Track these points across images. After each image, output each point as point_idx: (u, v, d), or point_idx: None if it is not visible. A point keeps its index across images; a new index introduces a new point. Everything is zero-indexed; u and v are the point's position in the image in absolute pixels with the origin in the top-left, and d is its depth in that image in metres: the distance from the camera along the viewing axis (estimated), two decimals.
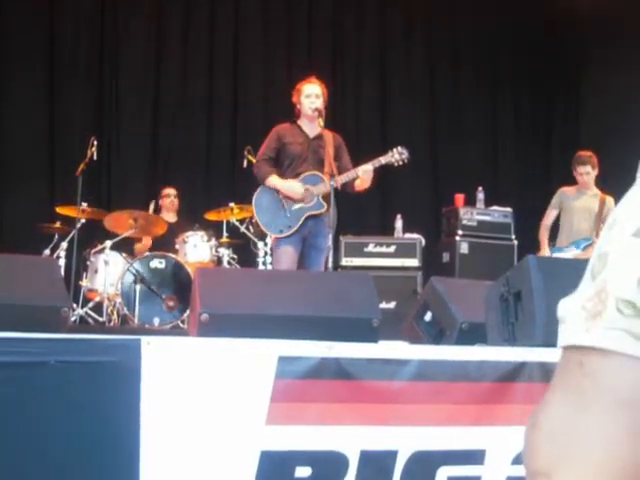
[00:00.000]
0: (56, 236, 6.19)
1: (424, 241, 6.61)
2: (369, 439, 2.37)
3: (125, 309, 5.79)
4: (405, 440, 2.39)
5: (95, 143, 6.11)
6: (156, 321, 5.78)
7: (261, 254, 6.13)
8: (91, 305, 5.92)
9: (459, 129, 8.78)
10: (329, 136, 5.09)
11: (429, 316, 3.23)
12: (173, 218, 6.85)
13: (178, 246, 6.24)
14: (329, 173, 4.91)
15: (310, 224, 5.01)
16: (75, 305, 5.71)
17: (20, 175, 7.39)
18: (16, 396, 2.11)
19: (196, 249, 6.18)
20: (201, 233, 6.24)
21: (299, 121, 5.19)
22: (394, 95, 8.73)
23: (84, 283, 5.99)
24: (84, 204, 6.04)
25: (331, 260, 4.78)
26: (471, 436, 2.46)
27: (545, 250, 6.30)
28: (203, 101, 8.20)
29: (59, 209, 6.26)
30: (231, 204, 6.37)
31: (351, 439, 2.35)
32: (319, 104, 5.06)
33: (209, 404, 2.25)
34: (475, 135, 8.84)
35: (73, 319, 5.48)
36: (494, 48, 9.02)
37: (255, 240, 6.18)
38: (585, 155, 6.26)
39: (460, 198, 6.99)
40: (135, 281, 5.83)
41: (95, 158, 6.17)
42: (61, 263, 5.79)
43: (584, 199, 6.29)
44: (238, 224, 6.39)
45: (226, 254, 6.29)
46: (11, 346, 2.11)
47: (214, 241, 6.25)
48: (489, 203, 7.08)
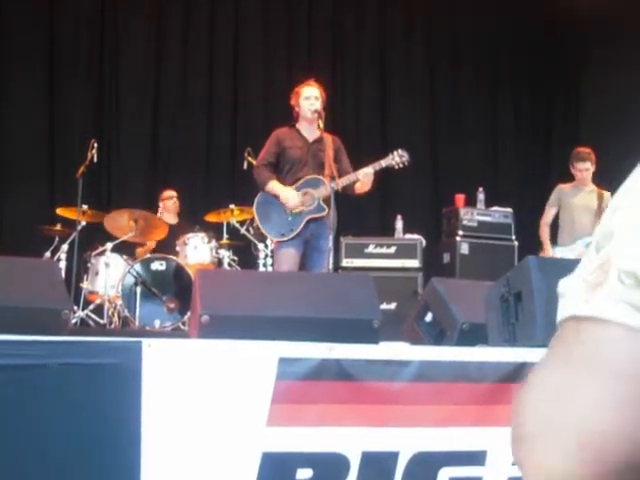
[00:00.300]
0: (57, 238, 6.19)
1: (424, 242, 6.60)
2: (370, 440, 2.36)
3: (126, 311, 5.79)
4: (406, 441, 2.39)
5: (95, 145, 6.10)
6: (157, 323, 5.78)
7: (261, 256, 6.14)
8: (92, 307, 5.92)
9: (459, 129, 8.78)
10: (328, 139, 5.07)
11: (430, 317, 3.23)
12: (174, 220, 6.84)
13: (179, 248, 6.24)
14: (329, 176, 4.91)
15: (312, 227, 5.01)
16: (76, 307, 5.70)
17: (20, 175, 7.39)
18: (17, 399, 2.11)
19: (197, 251, 6.17)
20: (202, 235, 6.23)
21: (298, 125, 5.18)
22: (394, 95, 8.73)
23: (85, 285, 5.99)
24: (84, 206, 6.04)
25: (331, 261, 4.79)
26: (472, 437, 2.46)
27: (548, 248, 6.29)
28: (203, 101, 8.20)
29: (59, 211, 6.26)
30: (231, 206, 6.38)
31: (352, 440, 2.35)
32: (318, 106, 5.05)
33: (210, 406, 2.25)
34: (475, 135, 8.84)
35: (74, 321, 5.47)
36: (494, 48, 9.02)
37: (255, 242, 6.18)
38: (584, 152, 6.26)
39: (460, 198, 6.98)
40: (136, 283, 5.83)
41: (95, 160, 6.16)
42: (62, 265, 5.79)
43: (582, 195, 6.28)
44: (238, 226, 6.38)
45: (226, 256, 6.28)
46: (12, 349, 2.11)
47: (214, 243, 6.25)
48: (489, 203, 7.08)
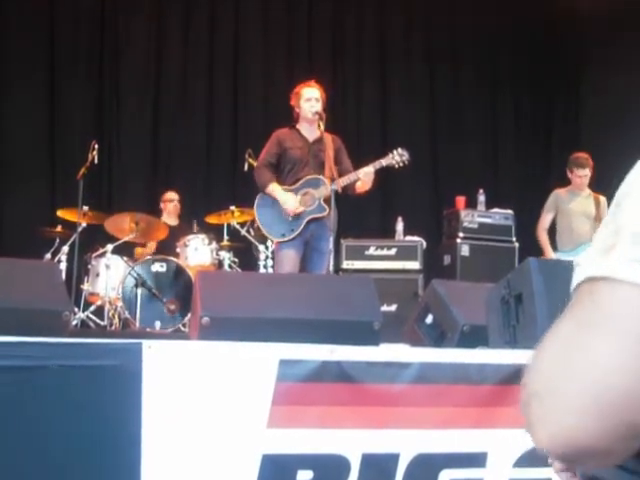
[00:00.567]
0: (57, 240, 6.17)
1: (425, 244, 6.59)
2: (371, 442, 2.37)
3: (126, 313, 5.78)
4: (407, 443, 2.40)
5: (96, 147, 6.08)
6: (157, 325, 5.76)
7: (262, 257, 6.12)
8: (92, 309, 5.90)
9: (459, 129, 8.77)
10: (329, 139, 5.07)
11: (430, 319, 3.23)
12: (174, 222, 6.83)
13: (179, 249, 6.22)
14: (330, 176, 4.90)
15: (312, 227, 5.01)
16: (76, 309, 5.68)
17: (20, 175, 7.38)
18: (18, 400, 2.11)
19: (197, 252, 6.16)
20: (202, 236, 6.21)
21: (298, 125, 5.18)
22: (394, 95, 8.72)
23: (85, 287, 5.97)
24: (85, 208, 6.03)
25: (332, 263, 4.78)
26: (473, 439, 2.46)
27: (550, 253, 6.25)
28: (203, 101, 8.19)
29: (60, 213, 6.24)
30: (232, 207, 6.36)
31: (353, 442, 2.35)
32: (319, 108, 5.05)
33: (210, 407, 2.25)
34: (475, 135, 8.83)
35: (74, 323, 5.45)
36: (494, 48, 9.01)
37: (256, 243, 6.17)
38: (583, 157, 6.24)
39: (461, 200, 6.98)
40: (136, 285, 5.82)
41: (96, 162, 6.16)
42: (62, 267, 5.78)
43: (579, 201, 6.27)
44: (239, 227, 6.37)
45: (227, 257, 6.26)
46: (12, 350, 2.12)
47: (215, 244, 6.23)
48: (489, 204, 7.08)
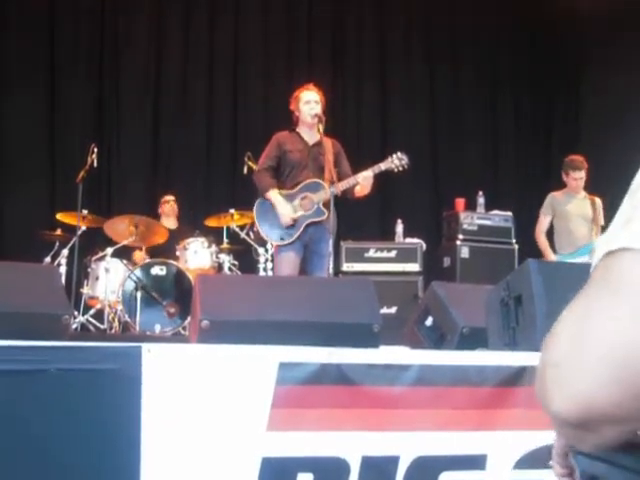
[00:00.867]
0: (57, 243, 6.17)
1: (425, 246, 6.59)
2: (370, 445, 2.36)
3: (126, 316, 5.77)
4: (407, 445, 2.39)
5: (95, 150, 6.08)
6: (157, 328, 5.76)
7: (262, 260, 6.11)
8: (92, 312, 5.90)
9: (459, 129, 8.77)
10: (328, 143, 5.07)
11: (430, 321, 3.22)
12: (173, 224, 6.83)
13: (179, 252, 6.22)
14: (329, 180, 4.91)
15: (311, 231, 5.00)
16: (76, 312, 5.68)
17: (20, 175, 7.38)
18: (17, 404, 2.11)
19: (197, 255, 6.16)
20: (202, 239, 6.21)
21: (298, 128, 5.17)
22: (394, 95, 8.72)
23: (85, 290, 5.97)
24: (85, 211, 6.03)
25: (332, 266, 4.78)
26: (472, 441, 2.46)
27: (550, 256, 6.23)
28: (203, 101, 8.19)
29: (60, 216, 6.24)
30: (231, 210, 6.35)
31: (352, 445, 2.35)
32: (318, 110, 5.04)
33: (210, 411, 2.24)
34: (475, 135, 8.83)
35: (74, 327, 5.46)
36: (494, 48, 9.02)
37: (256, 246, 6.16)
38: (578, 160, 6.24)
39: (460, 202, 6.99)
40: (136, 288, 5.81)
41: (95, 165, 6.15)
42: (62, 270, 5.78)
43: (576, 203, 6.27)
44: (238, 230, 6.36)
45: (227, 260, 6.26)
46: (12, 354, 2.12)
47: (215, 247, 6.23)
48: (489, 205, 7.08)
